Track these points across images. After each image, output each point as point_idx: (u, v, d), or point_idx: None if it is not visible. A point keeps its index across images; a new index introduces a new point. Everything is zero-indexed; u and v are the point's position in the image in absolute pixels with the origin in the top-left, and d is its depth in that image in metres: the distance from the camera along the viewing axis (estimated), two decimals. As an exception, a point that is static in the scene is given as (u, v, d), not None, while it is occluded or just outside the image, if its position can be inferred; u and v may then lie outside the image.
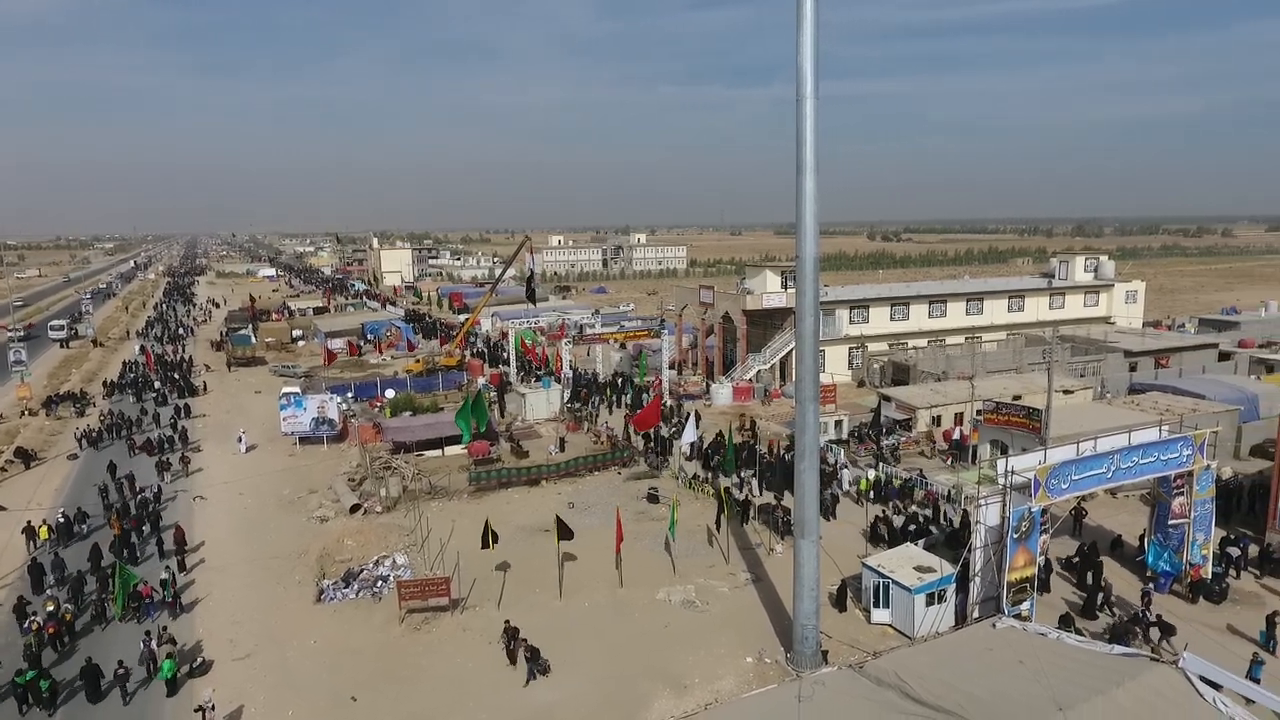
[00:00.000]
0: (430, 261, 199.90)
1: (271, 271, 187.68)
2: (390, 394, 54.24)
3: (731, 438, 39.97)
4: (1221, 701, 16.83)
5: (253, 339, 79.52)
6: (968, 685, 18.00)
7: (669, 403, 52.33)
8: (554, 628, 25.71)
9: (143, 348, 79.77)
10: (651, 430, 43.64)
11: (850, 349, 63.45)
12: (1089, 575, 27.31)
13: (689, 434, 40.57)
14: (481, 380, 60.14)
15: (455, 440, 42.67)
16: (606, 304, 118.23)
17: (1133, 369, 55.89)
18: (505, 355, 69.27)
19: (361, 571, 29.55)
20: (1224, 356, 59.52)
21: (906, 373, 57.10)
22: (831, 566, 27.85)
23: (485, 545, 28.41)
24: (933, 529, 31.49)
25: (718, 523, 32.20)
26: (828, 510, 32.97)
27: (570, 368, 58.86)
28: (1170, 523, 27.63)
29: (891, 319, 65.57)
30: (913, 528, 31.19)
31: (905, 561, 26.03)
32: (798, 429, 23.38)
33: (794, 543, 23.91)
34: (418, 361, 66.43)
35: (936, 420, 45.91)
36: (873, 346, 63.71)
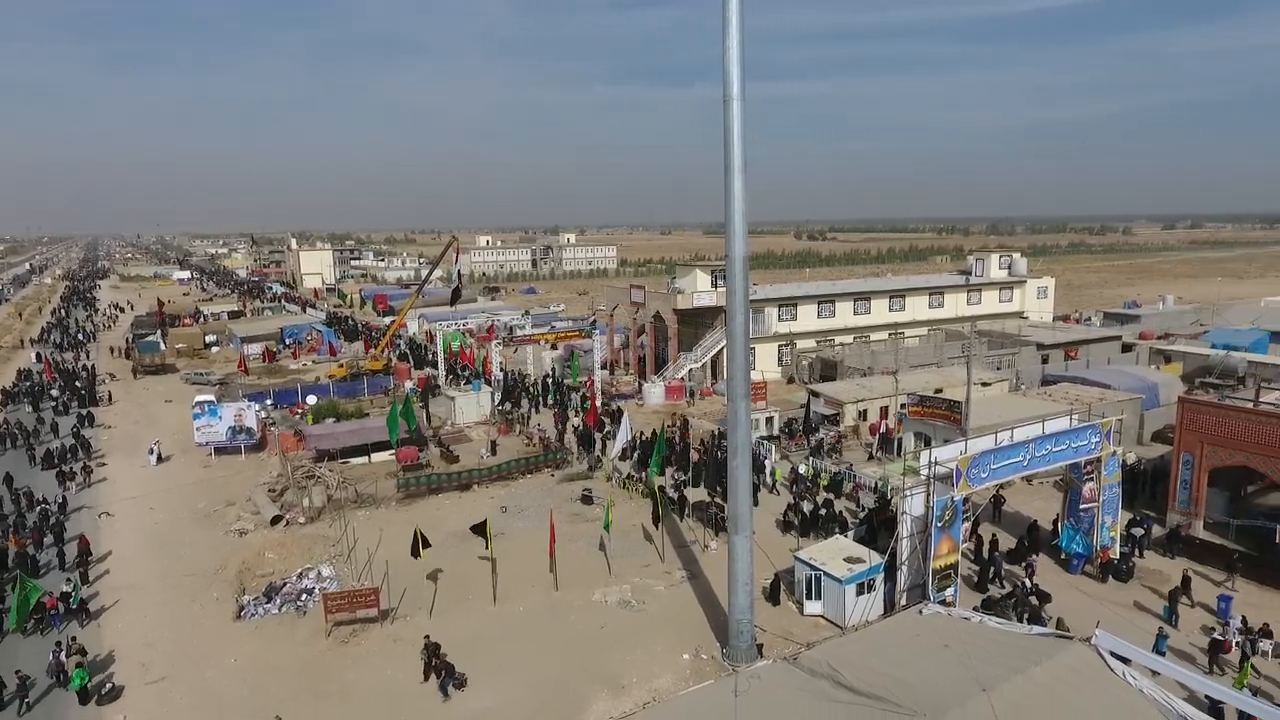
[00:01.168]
0: (353, 263, 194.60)
1: (185, 274, 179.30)
2: (312, 400, 52.44)
3: (663, 436, 40.09)
4: (1130, 675, 17.70)
5: (162, 345, 75.67)
6: (897, 671, 18.46)
7: (602, 403, 52.19)
8: (488, 634, 25.28)
9: (40, 355, 75.03)
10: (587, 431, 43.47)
11: (780, 346, 64.54)
12: (984, 550, 28.89)
13: (623, 434, 40.49)
14: (409, 384, 58.75)
15: (382, 446, 41.53)
16: (537, 305, 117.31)
17: (1045, 361, 58.52)
18: (432, 358, 67.85)
19: (284, 585, 28.42)
20: (1127, 348, 62.99)
21: (834, 369, 58.39)
22: (765, 561, 28.21)
23: (415, 553, 27.70)
24: (844, 515, 32.82)
25: (654, 521, 32.21)
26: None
27: (501, 370, 58.07)
28: (1081, 507, 29.01)
29: (819, 316, 66.97)
30: (823, 512, 32.65)
31: (836, 553, 26.56)
32: (730, 426, 23.57)
33: (728, 539, 24.10)
34: (341, 366, 64.42)
35: (863, 414, 47.09)
36: (801, 343, 64.95)
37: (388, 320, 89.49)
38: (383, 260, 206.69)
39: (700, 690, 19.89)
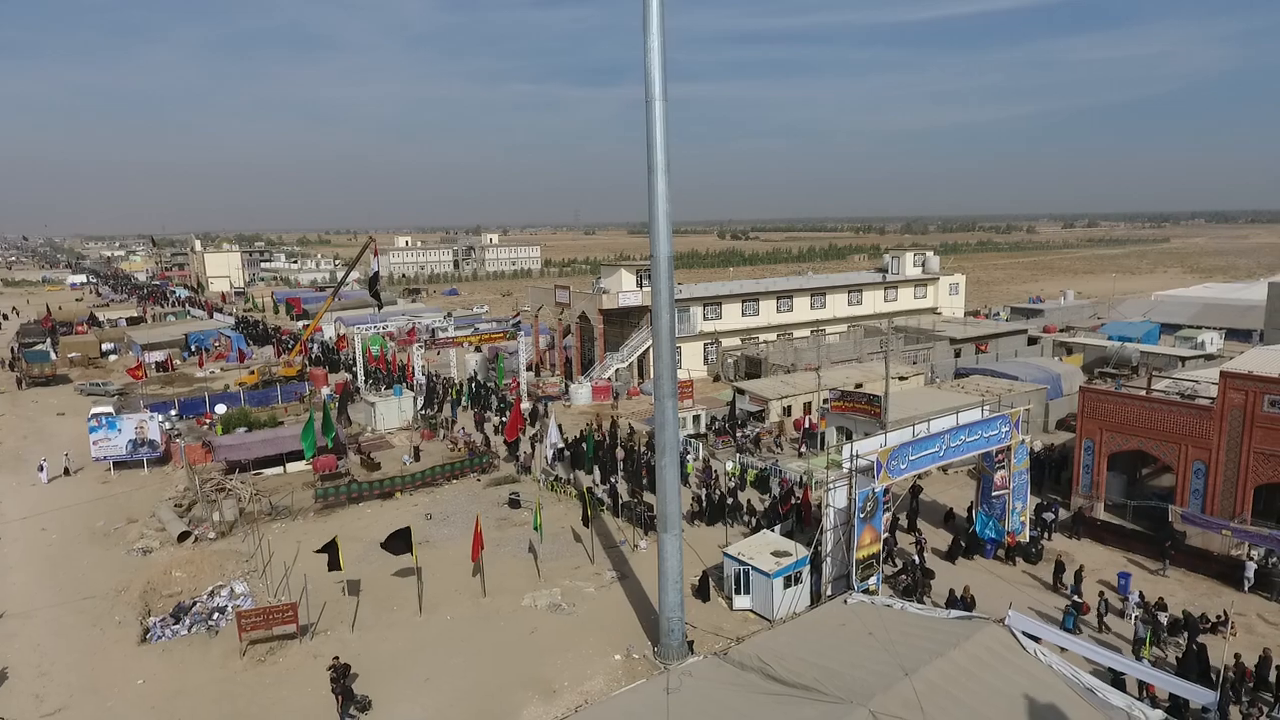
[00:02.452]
0: (263, 265, 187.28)
1: (78, 279, 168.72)
2: (221, 409, 50.03)
3: (590, 437, 39.90)
4: (1041, 652, 18.54)
5: (52, 355, 70.81)
6: (824, 660, 18.81)
7: (529, 405, 51.63)
8: (415, 645, 24.60)
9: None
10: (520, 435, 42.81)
11: (705, 345, 65.18)
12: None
13: (551, 436, 40.10)
14: (326, 390, 56.77)
15: (298, 456, 39.96)
16: (459, 306, 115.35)
17: (957, 355, 60.92)
18: (349, 362, 65.87)
19: (194, 605, 26.96)
20: (1032, 341, 66.24)
21: (759, 366, 59.34)
22: (694, 558, 28.38)
23: (334, 565, 26.72)
24: (750, 503, 33.92)
25: (584, 522, 31.97)
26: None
27: (423, 373, 56.72)
28: (993, 494, 30.26)
29: (743, 315, 67.94)
30: (730, 501, 33.84)
31: (763, 548, 26.92)
32: (657, 425, 23.58)
33: (657, 537, 24.11)
34: (252, 373, 61.72)
35: (787, 410, 47.98)
36: (726, 342, 65.77)
37: (302, 324, 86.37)
38: (296, 262, 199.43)
39: (632, 690, 19.80)
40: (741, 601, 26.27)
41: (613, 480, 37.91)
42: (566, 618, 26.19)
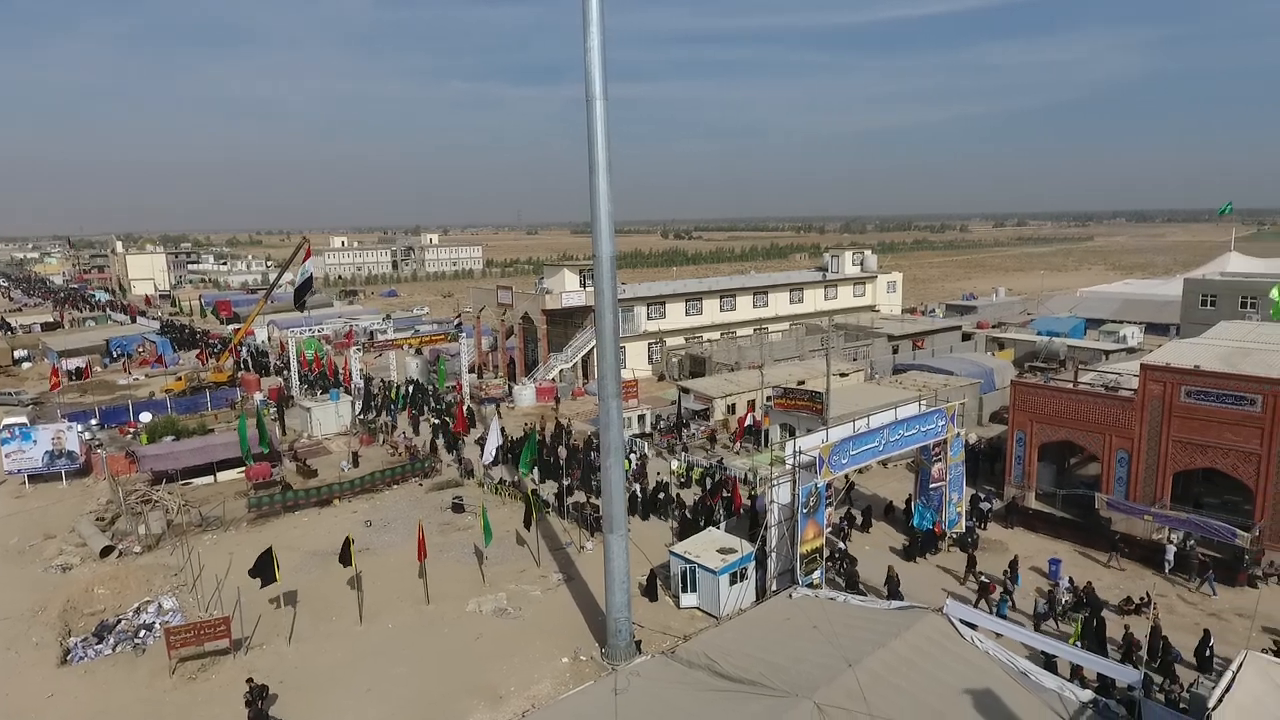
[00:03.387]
0: (190, 267, 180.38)
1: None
2: (146, 418, 47.89)
3: (534, 438, 39.51)
4: (977, 639, 19.07)
5: (-40, 363, 67.05)
6: (769, 655, 18.97)
7: (471, 407, 50.94)
8: (356, 655, 23.94)
9: None
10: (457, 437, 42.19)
11: (649, 344, 65.28)
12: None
13: (493, 439, 39.53)
14: (259, 396, 54.96)
15: (230, 464, 38.55)
16: (399, 308, 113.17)
17: (895, 351, 62.37)
18: (280, 365, 63.98)
19: (119, 622, 25.72)
20: (966, 337, 68.25)
21: (703, 365, 59.71)
22: (641, 557, 28.34)
23: (269, 578, 25.75)
24: (679, 496, 34.48)
25: (527, 525, 31.61)
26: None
27: (361, 377, 55.37)
28: (931, 486, 31.01)
29: (687, 314, 68.30)
30: (661, 495, 34.53)
31: (709, 545, 27.03)
32: (601, 425, 23.45)
33: (603, 538, 23.98)
34: (180, 379, 59.36)
35: (732, 409, 48.35)
36: (670, 341, 65.99)
37: (233, 328, 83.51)
38: (225, 264, 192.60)
39: (580, 692, 19.63)
40: (689, 599, 26.32)
41: (559, 481, 37.65)
42: (512, 622, 25.84)
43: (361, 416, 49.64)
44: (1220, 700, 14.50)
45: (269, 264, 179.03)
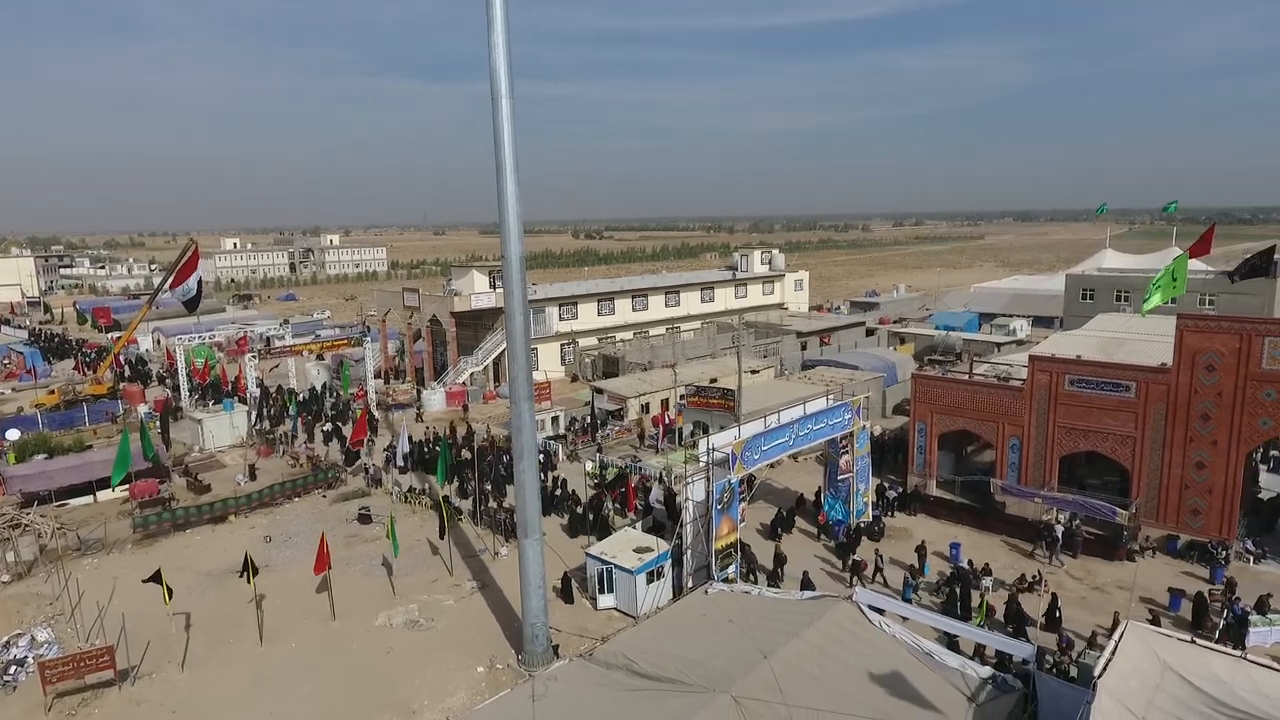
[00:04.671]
0: (63, 271, 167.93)
1: None
2: (14, 435, 44.07)
3: (446, 444, 38.50)
4: (885, 624, 19.70)
5: None
6: (686, 651, 19.03)
7: (375, 414, 49.35)
8: (257, 678, 22.70)
9: None
10: (362, 446, 40.70)
11: (562, 345, 64.81)
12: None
13: (401, 445, 38.39)
14: (143, 408, 51.56)
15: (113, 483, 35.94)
16: (298, 312, 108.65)
17: (803, 347, 63.99)
18: (163, 374, 60.32)
19: (-15, 659, 23.55)
20: (870, 332, 70.73)
21: (616, 365, 59.69)
22: (557, 560, 28.00)
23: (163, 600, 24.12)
24: (575, 493, 34.87)
25: (441, 533, 30.75)
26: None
27: (258, 385, 52.72)
28: (839, 478, 31.89)
29: (599, 314, 68.13)
30: (557, 493, 34.95)
31: (625, 545, 26.95)
32: (514, 429, 23.02)
33: (519, 543, 23.56)
34: (52, 392, 55.07)
35: (645, 408, 48.49)
36: (583, 341, 65.69)
37: (113, 336, 78.17)
38: (103, 268, 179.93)
39: (497, 701, 19.17)
40: (606, 600, 26.17)
41: (471, 487, 36.86)
42: (425, 633, 25.06)
43: (258, 427, 47.25)
44: (1105, 668, 15.36)
45: (153, 267, 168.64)
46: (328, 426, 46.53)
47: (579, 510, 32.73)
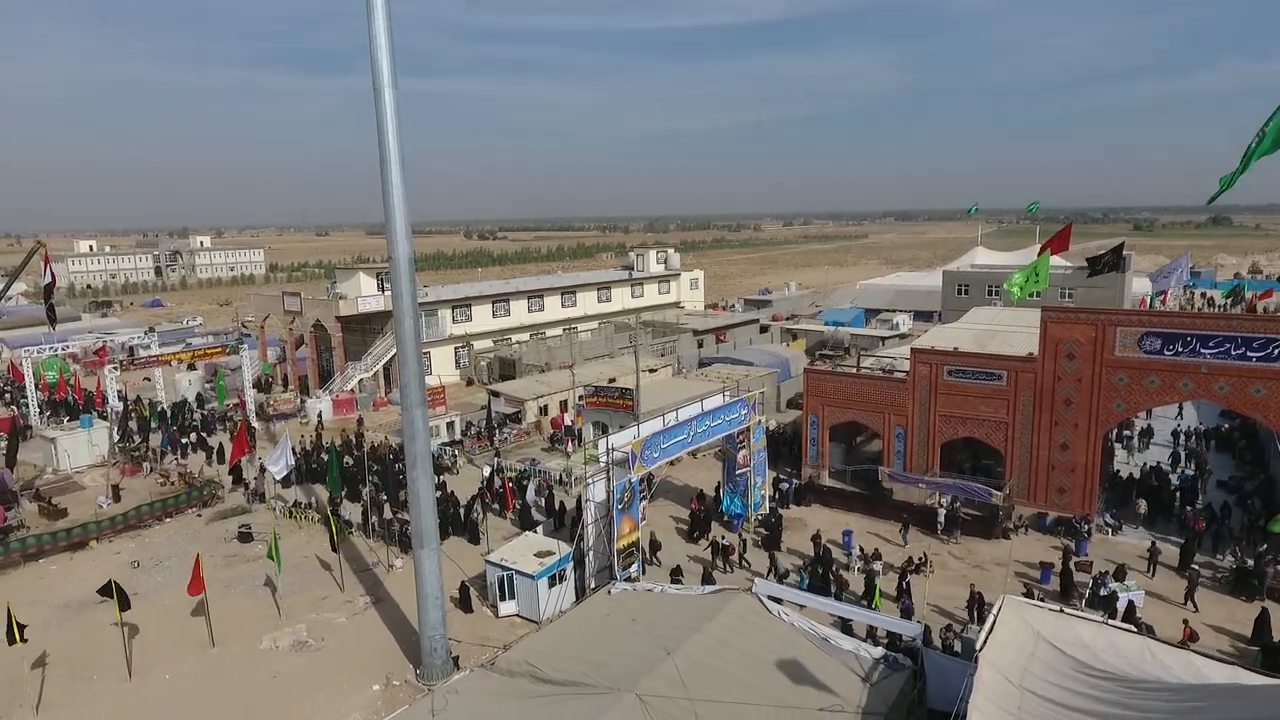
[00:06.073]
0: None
1: None
2: None
3: (335, 454, 36.77)
4: (784, 613, 20.17)
5: None
6: (590, 653, 18.84)
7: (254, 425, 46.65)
8: (124, 716, 20.91)
9: None
10: (243, 460, 38.26)
11: (456, 348, 63.28)
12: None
13: (282, 457, 36.28)
14: (-10, 427, 46.72)
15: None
16: (165, 319, 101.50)
17: (700, 345, 64.94)
18: (5, 390, 55.02)
19: None
20: (763, 329, 72.60)
21: (513, 367, 58.76)
22: (455, 570, 27.21)
23: (11, 639, 21.82)
24: (454, 494, 34.24)
25: (332, 548, 29.25)
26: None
27: (120, 399, 48.78)
28: (737, 472, 32.44)
29: (494, 316, 66.94)
30: (437, 494, 33.72)
31: (525, 550, 26.45)
32: (406, 436, 22.15)
33: (414, 554, 22.71)
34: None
35: (544, 410, 47.92)
36: (478, 344, 64.35)
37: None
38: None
39: (395, 719, 18.40)
40: (507, 607, 25.62)
41: (362, 498, 35.34)
42: (315, 654, 23.78)
43: (122, 444, 43.69)
44: (985, 641, 16.21)
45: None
46: (192, 437, 43.68)
47: (456, 512, 31.99)
